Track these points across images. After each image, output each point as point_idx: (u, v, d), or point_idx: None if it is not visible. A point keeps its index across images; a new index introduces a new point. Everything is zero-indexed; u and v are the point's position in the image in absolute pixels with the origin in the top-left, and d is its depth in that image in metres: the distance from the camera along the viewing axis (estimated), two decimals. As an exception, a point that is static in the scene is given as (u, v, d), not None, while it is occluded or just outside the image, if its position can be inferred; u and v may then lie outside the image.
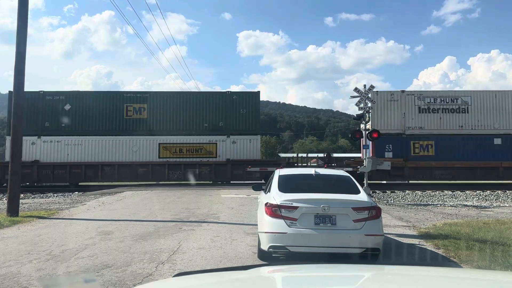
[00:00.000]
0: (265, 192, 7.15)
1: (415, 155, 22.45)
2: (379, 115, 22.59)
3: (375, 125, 22.18)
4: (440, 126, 22.69)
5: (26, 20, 11.57)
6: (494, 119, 22.69)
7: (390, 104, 22.79)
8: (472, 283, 2.26)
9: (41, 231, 8.90)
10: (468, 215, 12.29)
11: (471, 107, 22.76)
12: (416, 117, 22.73)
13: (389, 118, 22.70)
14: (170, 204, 13.34)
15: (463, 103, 22.85)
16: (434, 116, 22.77)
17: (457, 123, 22.73)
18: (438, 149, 22.46)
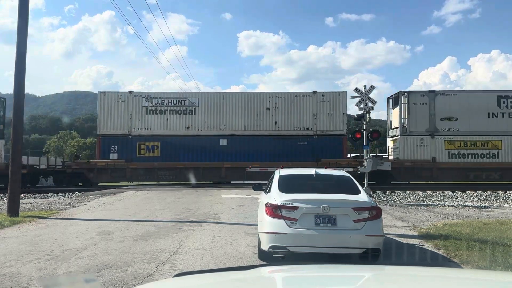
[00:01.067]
0: (266, 193, 7.16)
1: (140, 156, 22.49)
2: (106, 116, 22.67)
3: (101, 127, 22.45)
4: (166, 127, 22.84)
5: (27, 20, 11.58)
6: (220, 121, 22.97)
7: (117, 105, 22.74)
8: (472, 283, 2.26)
9: (42, 231, 8.91)
10: (469, 215, 12.28)
11: (198, 109, 23.01)
12: (142, 118, 22.81)
13: (116, 119, 22.72)
14: (171, 204, 13.35)
15: (191, 105, 23.06)
16: (161, 117, 22.93)
17: (184, 124, 22.91)
18: (164, 150, 22.63)
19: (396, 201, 16.33)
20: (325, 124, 23.00)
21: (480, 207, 14.70)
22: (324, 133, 22.94)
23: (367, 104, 14.32)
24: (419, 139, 22.36)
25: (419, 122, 22.39)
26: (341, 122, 22.99)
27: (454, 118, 22.34)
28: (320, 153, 22.45)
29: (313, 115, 22.99)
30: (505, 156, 22.28)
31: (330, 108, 23.11)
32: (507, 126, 22.41)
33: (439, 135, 22.36)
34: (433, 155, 22.25)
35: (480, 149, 22.23)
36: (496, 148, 22.30)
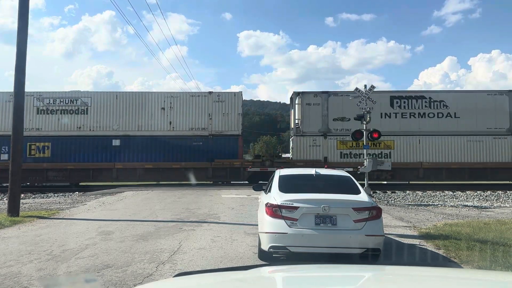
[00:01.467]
0: (266, 193, 7.16)
1: (31, 157, 22.20)
2: None
3: None
4: (58, 127, 22.58)
5: (27, 20, 11.58)
6: (113, 121, 22.78)
7: (9, 105, 21.54)
8: (472, 283, 2.26)
9: (42, 231, 8.91)
10: (469, 215, 12.28)
11: (91, 108, 22.73)
12: (34, 119, 22.38)
13: (6, 119, 22.05)
14: (171, 204, 13.35)
15: (83, 104, 22.79)
16: (52, 117, 22.65)
17: (76, 124, 22.67)
18: (55, 151, 22.41)
19: (396, 201, 16.33)
20: (220, 125, 22.89)
21: (480, 207, 14.70)
22: (220, 134, 22.83)
23: (367, 104, 14.31)
24: (312, 139, 22.42)
25: (312, 122, 22.43)
26: (236, 123, 22.90)
27: (347, 119, 22.26)
28: (215, 154, 22.38)
29: (208, 115, 22.80)
30: (397, 156, 22.41)
31: (225, 108, 23.04)
32: (399, 126, 22.53)
33: (332, 135, 22.43)
34: (325, 155, 22.35)
35: (372, 149, 22.17)
36: (388, 148, 22.44)
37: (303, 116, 22.46)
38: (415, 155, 22.44)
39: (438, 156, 22.38)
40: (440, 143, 22.42)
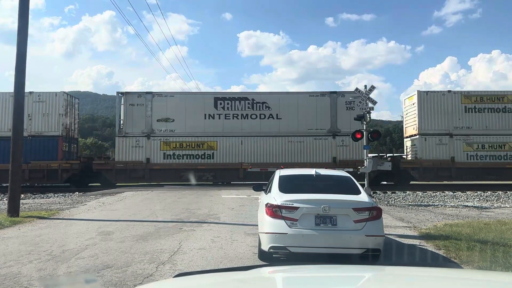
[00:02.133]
0: (266, 193, 7.16)
1: None
2: None
3: None
4: None
5: (27, 20, 11.58)
6: None
7: None
8: (473, 283, 2.26)
9: (42, 232, 8.91)
10: (469, 215, 12.27)
11: None
12: None
13: None
14: (171, 205, 13.35)
15: None
16: None
17: None
18: None
19: (396, 202, 16.33)
20: (40, 125, 22.69)
21: (480, 208, 14.70)
22: (39, 135, 22.63)
23: (367, 104, 14.32)
24: (135, 140, 22.36)
25: (135, 123, 22.36)
26: (56, 123, 22.73)
27: (171, 120, 22.45)
28: (34, 155, 22.08)
29: (28, 115, 22.13)
30: (220, 157, 22.47)
31: (46, 108, 22.83)
32: (223, 128, 22.61)
33: (155, 136, 22.39)
34: (148, 156, 22.23)
35: (196, 150, 22.40)
36: (211, 149, 22.50)
37: (126, 116, 22.36)
38: (237, 156, 22.50)
39: (260, 157, 22.49)
40: (262, 144, 22.58)
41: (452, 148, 22.38)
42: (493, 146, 22.35)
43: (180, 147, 22.43)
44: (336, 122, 22.63)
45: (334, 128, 22.63)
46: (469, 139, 22.48)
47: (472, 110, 22.59)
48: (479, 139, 22.48)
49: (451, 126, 22.48)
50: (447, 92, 22.84)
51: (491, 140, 22.40)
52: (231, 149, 22.56)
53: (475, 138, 22.52)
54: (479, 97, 22.72)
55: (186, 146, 22.48)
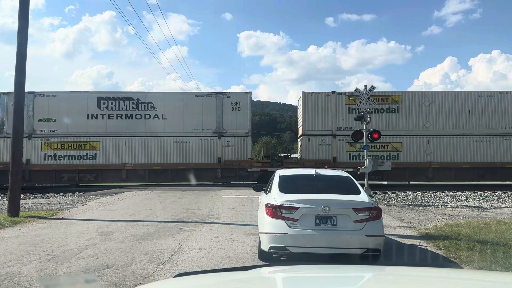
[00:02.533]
0: (266, 193, 7.16)
1: None
2: None
3: None
4: None
5: (27, 20, 11.58)
6: None
7: None
8: (473, 284, 2.26)
9: (42, 232, 8.91)
10: (469, 215, 12.27)
11: None
12: None
13: None
14: (171, 205, 13.35)
15: None
16: None
17: None
18: None
19: (396, 202, 16.33)
20: None
21: (480, 208, 14.70)
22: None
23: (368, 104, 14.32)
24: None
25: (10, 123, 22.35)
26: None
27: (53, 120, 22.23)
28: None
29: None
30: (102, 158, 22.33)
31: None
32: (106, 128, 22.47)
33: (37, 136, 22.18)
34: (28, 157, 21.81)
35: (78, 150, 22.28)
36: (94, 149, 22.39)
37: (8, 117, 21.68)
38: (120, 156, 22.44)
39: (145, 157, 22.42)
40: (147, 144, 22.47)
41: (335, 148, 22.48)
42: (375, 146, 22.29)
43: (61, 148, 22.22)
44: (222, 122, 22.63)
45: (220, 129, 22.60)
46: None
47: (356, 111, 22.47)
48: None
49: (334, 127, 22.51)
50: (331, 93, 22.87)
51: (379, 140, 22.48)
52: (114, 150, 22.41)
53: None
54: None
55: (68, 146, 22.30)
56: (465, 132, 22.59)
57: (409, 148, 22.56)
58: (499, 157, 22.42)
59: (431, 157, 22.50)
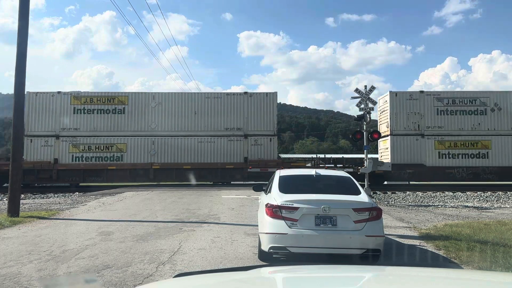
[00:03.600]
0: (266, 193, 7.16)
1: None
2: None
3: None
4: None
5: (27, 21, 11.59)
6: None
7: None
8: (473, 284, 2.26)
9: (42, 232, 8.91)
10: (469, 216, 12.28)
11: None
12: None
13: None
14: (171, 205, 13.35)
15: None
16: None
17: None
18: None
19: (396, 202, 16.34)
20: None
21: (480, 208, 14.70)
22: None
23: (368, 104, 14.33)
24: None
25: None
26: None
27: None
28: None
29: None
30: None
31: None
32: None
33: None
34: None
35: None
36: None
37: None
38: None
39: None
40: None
41: (57, 150, 22.42)
42: (100, 148, 22.56)
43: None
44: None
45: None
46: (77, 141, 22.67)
47: (81, 111, 22.75)
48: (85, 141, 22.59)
49: (57, 128, 22.54)
50: (57, 93, 22.86)
51: (98, 141, 22.65)
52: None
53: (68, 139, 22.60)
54: (89, 98, 22.92)
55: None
56: (191, 133, 22.90)
57: (133, 149, 22.76)
58: (222, 158, 22.81)
59: (155, 158, 22.77)
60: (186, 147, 22.81)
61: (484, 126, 23.00)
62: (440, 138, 22.92)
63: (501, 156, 22.81)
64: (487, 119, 23.00)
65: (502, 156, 22.81)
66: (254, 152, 22.99)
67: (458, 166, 22.80)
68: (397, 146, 22.83)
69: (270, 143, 23.08)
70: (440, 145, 22.95)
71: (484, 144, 22.92)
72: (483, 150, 22.95)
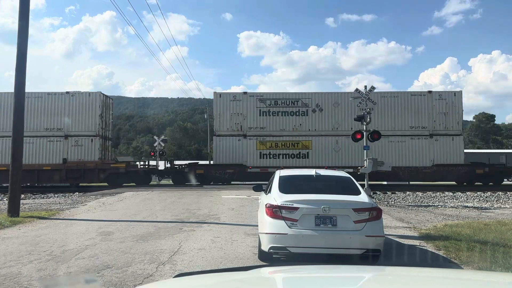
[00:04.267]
0: (266, 193, 7.15)
1: None
2: None
3: None
4: None
5: (28, 21, 11.59)
6: None
7: None
8: (473, 284, 2.26)
9: (42, 232, 8.91)
10: (469, 216, 12.28)
11: None
12: None
13: None
14: (171, 205, 13.35)
15: None
16: None
17: None
18: None
19: (396, 202, 16.33)
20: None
21: (480, 208, 14.70)
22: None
23: (367, 104, 14.32)
24: None
25: None
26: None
27: None
28: None
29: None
30: None
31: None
32: None
33: None
34: None
35: None
36: None
37: None
38: None
39: None
40: None
41: None
42: None
43: None
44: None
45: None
46: None
47: None
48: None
49: None
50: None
51: None
52: None
53: None
54: None
55: None
56: None
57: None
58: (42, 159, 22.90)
59: None
60: None
61: (305, 126, 23.32)
62: (262, 139, 23.19)
63: (321, 156, 23.17)
64: (309, 120, 23.31)
65: (322, 156, 23.16)
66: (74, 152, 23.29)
67: (278, 166, 22.78)
68: (219, 147, 23.17)
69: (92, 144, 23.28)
70: (261, 145, 23.22)
71: (305, 145, 23.24)
72: (303, 150, 23.25)
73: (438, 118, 23.07)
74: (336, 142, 23.24)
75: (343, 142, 23.07)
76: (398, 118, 23.21)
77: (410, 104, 23.22)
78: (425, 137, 22.96)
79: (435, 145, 22.94)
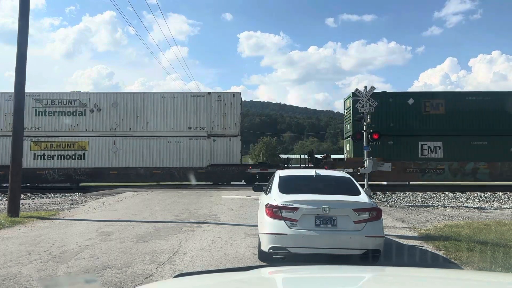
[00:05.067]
0: (266, 193, 7.15)
1: None
2: None
3: None
4: None
5: (28, 21, 11.59)
6: None
7: None
8: (473, 284, 2.26)
9: (42, 232, 8.91)
10: (469, 216, 12.27)
11: None
12: None
13: None
14: (171, 205, 13.35)
15: None
16: None
17: None
18: None
19: (396, 202, 16.33)
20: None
21: (480, 208, 14.70)
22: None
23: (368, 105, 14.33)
24: None
25: None
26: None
27: None
28: None
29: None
30: None
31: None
32: None
33: None
34: None
35: None
36: None
37: None
38: None
39: None
40: None
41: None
42: None
43: None
44: None
45: None
46: None
47: None
48: None
49: None
50: None
51: None
52: None
53: None
54: None
55: None
56: None
57: None
58: None
59: None
60: None
61: (82, 127, 23.10)
62: (36, 139, 22.84)
63: (97, 157, 23.04)
64: (86, 120, 23.13)
65: (98, 157, 23.03)
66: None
67: (50, 168, 22.64)
68: None
69: None
70: (36, 146, 22.87)
71: (81, 145, 23.07)
72: (80, 151, 23.05)
73: (217, 119, 23.39)
74: (114, 142, 23.18)
75: (120, 142, 23.12)
76: (178, 119, 23.37)
77: (189, 105, 23.43)
78: (203, 137, 23.27)
79: (213, 145, 23.25)
